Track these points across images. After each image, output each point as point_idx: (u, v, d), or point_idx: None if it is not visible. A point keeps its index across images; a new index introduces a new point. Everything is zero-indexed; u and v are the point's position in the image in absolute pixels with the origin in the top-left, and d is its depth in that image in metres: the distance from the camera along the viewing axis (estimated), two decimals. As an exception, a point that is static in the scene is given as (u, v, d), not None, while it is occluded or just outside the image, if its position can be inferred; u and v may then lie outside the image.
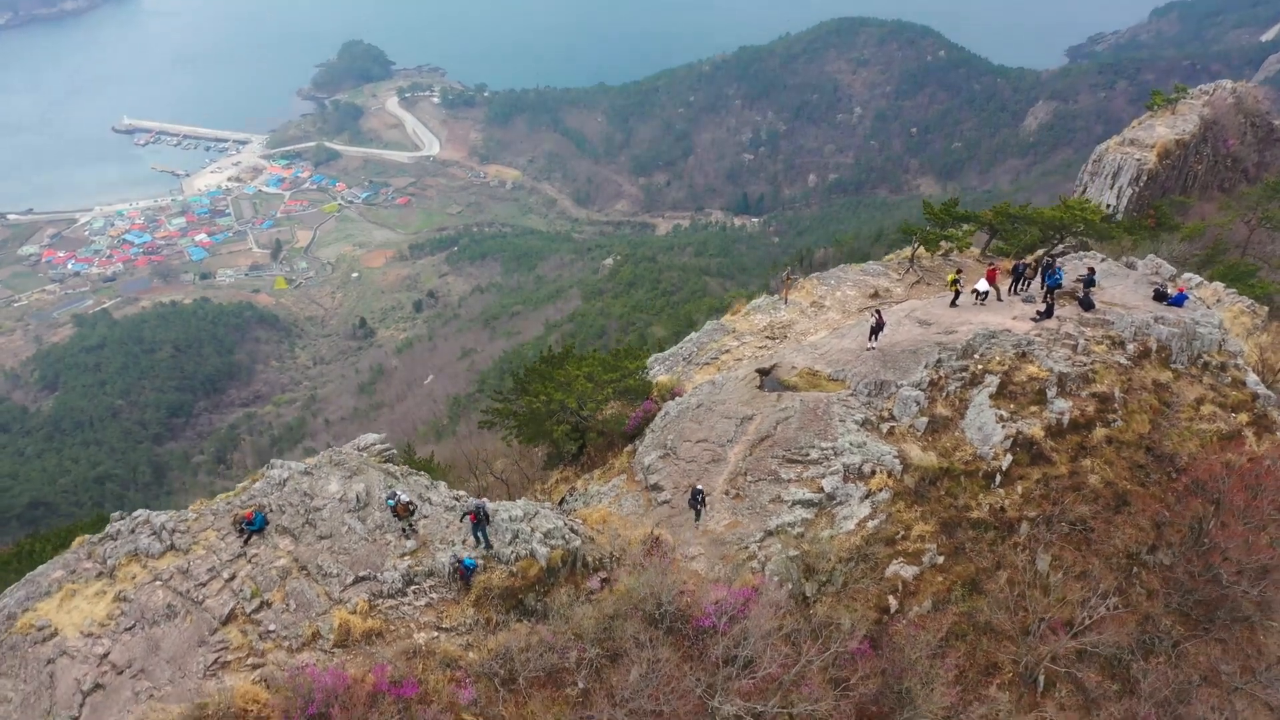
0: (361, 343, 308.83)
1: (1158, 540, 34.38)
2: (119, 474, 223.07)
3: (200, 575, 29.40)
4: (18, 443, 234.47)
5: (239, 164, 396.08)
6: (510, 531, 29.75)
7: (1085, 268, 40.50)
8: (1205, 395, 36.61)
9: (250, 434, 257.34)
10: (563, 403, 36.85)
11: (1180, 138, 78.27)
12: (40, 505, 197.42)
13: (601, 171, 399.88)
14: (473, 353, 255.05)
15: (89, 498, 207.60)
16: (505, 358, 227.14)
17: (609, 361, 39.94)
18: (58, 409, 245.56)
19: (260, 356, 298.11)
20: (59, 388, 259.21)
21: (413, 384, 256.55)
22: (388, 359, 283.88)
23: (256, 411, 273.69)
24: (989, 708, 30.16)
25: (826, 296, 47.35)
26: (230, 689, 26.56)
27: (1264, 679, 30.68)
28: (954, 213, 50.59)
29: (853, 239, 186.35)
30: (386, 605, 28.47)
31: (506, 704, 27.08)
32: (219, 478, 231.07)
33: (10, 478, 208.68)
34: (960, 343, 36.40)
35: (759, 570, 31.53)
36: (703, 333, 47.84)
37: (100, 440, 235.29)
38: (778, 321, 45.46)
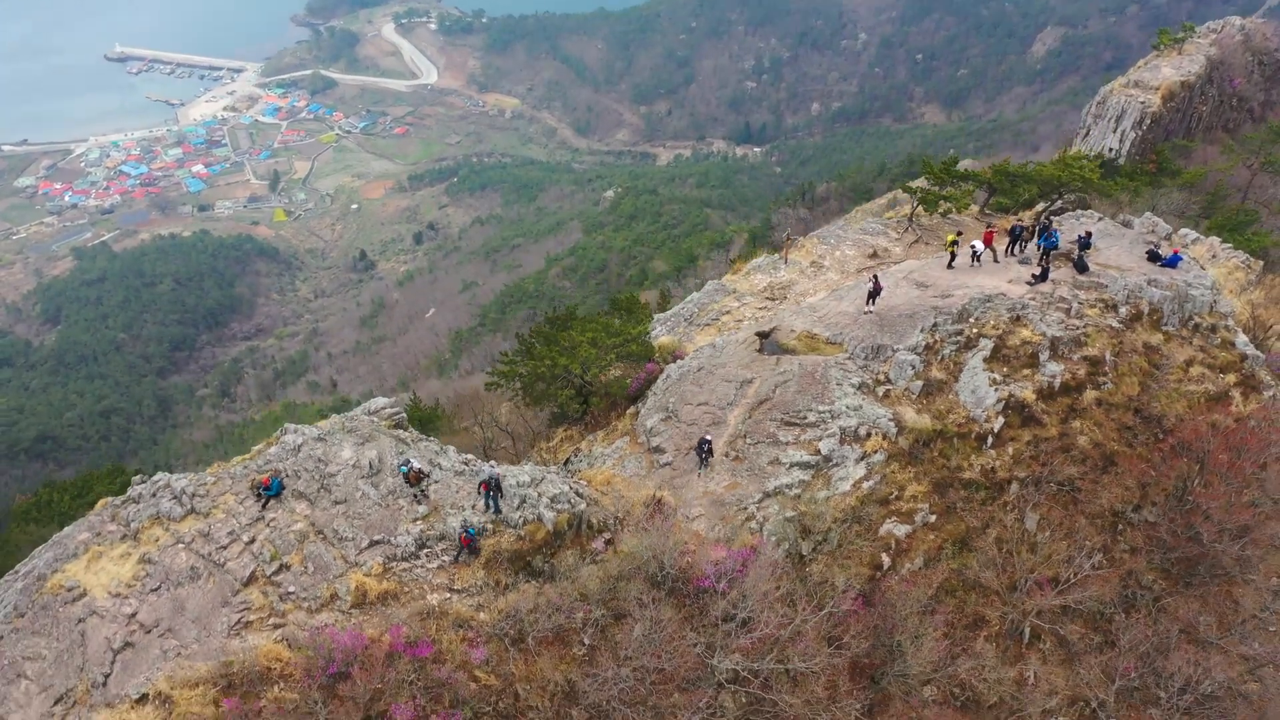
0: (362, 275, 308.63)
1: (1143, 499, 35.57)
2: (124, 408, 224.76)
3: (221, 538, 30.61)
4: (22, 376, 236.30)
5: (234, 93, 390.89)
6: (518, 497, 30.89)
7: (1082, 231, 40.97)
8: (1195, 357, 37.46)
9: (253, 367, 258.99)
10: (567, 367, 37.79)
11: (1185, 79, 77.66)
12: (48, 439, 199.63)
13: (602, 100, 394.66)
14: (474, 286, 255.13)
15: (95, 431, 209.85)
16: (506, 291, 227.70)
17: (612, 326, 40.74)
18: (61, 343, 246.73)
19: (261, 289, 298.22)
20: (61, 321, 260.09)
21: (414, 317, 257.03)
22: (389, 292, 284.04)
23: (259, 345, 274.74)
24: (975, 661, 31.64)
25: (826, 256, 47.85)
26: (254, 648, 28.00)
27: (1238, 633, 32.10)
28: (953, 172, 50.75)
29: (855, 173, 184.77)
30: (400, 568, 29.73)
31: (516, 663, 28.52)
32: (224, 411, 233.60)
33: (17, 411, 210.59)
34: (956, 307, 37.15)
35: (757, 531, 32.76)
36: (704, 293, 48.48)
37: (104, 374, 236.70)
38: (777, 282, 46.08)
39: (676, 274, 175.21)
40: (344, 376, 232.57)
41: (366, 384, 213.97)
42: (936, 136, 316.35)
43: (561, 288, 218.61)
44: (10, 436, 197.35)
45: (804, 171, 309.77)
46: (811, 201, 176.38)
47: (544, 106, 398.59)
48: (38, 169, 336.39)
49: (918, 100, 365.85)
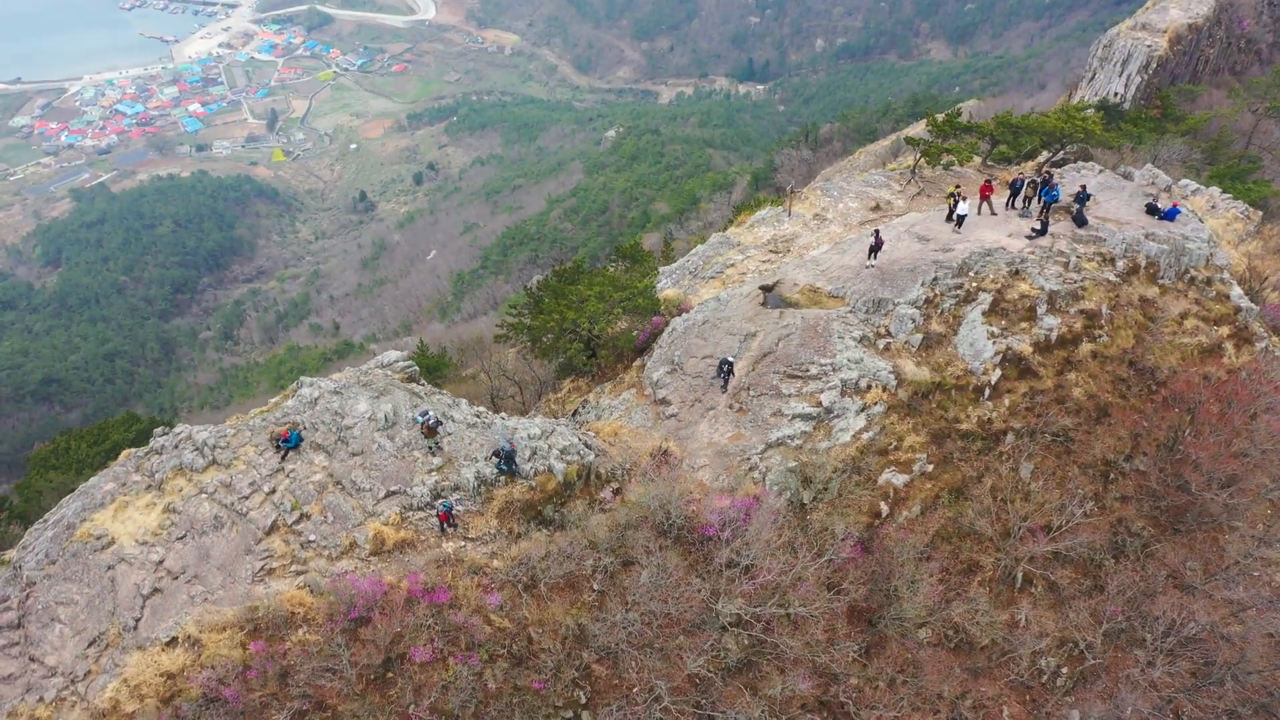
0: (362, 216, 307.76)
1: (1135, 449, 36.58)
2: (128, 350, 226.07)
3: (243, 489, 31.73)
4: (25, 319, 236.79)
5: (229, 29, 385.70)
6: (529, 449, 31.92)
7: (1079, 185, 41.33)
8: (1190, 309, 38.18)
9: (255, 310, 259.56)
10: (575, 321, 38.53)
11: (1193, 21, 77.02)
12: (53, 382, 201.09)
13: (603, 36, 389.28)
14: (475, 227, 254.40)
15: (100, 374, 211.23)
16: (508, 233, 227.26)
17: (619, 280, 41.35)
18: (62, 285, 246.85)
19: (261, 231, 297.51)
20: (62, 264, 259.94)
21: (415, 259, 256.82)
22: (389, 234, 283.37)
23: (261, 287, 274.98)
24: (968, 606, 32.92)
25: (829, 209, 48.19)
26: (278, 594, 29.27)
27: (1223, 578, 33.31)
28: (955, 124, 50.80)
29: (859, 113, 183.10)
30: (416, 517, 30.86)
31: (529, 607, 29.81)
32: (226, 354, 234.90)
33: (21, 354, 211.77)
34: (956, 261, 37.75)
35: (759, 481, 33.81)
36: (708, 246, 48.93)
37: (107, 317, 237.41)
38: (781, 235, 46.50)
39: (679, 216, 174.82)
40: (346, 319, 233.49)
41: (369, 327, 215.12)
42: (942, 74, 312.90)
43: (563, 229, 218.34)
44: (16, 379, 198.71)
45: (807, 110, 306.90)
46: (815, 143, 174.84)
47: (544, 43, 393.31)
48: (32, 108, 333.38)
49: (923, 36, 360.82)
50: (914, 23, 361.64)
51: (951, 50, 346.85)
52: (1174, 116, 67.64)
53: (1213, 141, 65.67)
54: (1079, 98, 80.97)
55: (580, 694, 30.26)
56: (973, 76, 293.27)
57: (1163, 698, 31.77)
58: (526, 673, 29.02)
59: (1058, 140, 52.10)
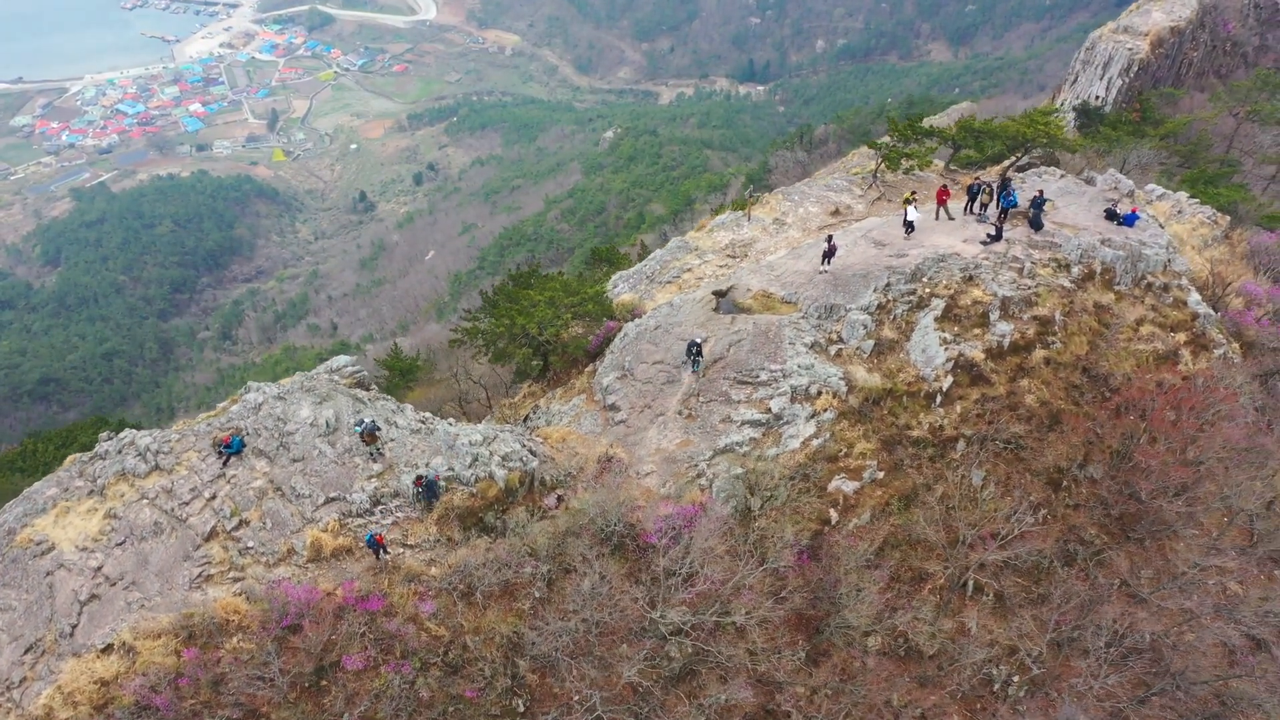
0: (362, 217, 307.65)
1: (1088, 456, 36.36)
2: (126, 350, 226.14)
3: (183, 494, 31.60)
4: (24, 319, 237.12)
5: (230, 29, 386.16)
6: (470, 455, 31.77)
7: (1036, 190, 41.00)
8: (1146, 316, 37.92)
9: (254, 310, 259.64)
10: (524, 326, 38.36)
11: (1176, 24, 76.58)
12: (51, 381, 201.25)
13: (604, 37, 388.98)
14: (474, 228, 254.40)
15: (98, 374, 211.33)
16: (505, 234, 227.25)
17: (570, 285, 41.21)
18: (61, 285, 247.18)
19: (261, 231, 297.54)
20: (61, 263, 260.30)
21: (414, 259, 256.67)
22: (388, 234, 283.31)
23: (260, 287, 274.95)
24: (912, 614, 32.73)
25: (789, 213, 47.93)
26: (214, 600, 29.13)
27: (1172, 587, 33.08)
28: (918, 129, 50.54)
29: (854, 114, 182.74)
30: (356, 524, 30.71)
31: (466, 615, 29.68)
32: (224, 354, 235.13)
33: (20, 354, 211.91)
34: (909, 266, 37.50)
35: (706, 488, 33.60)
36: (667, 250, 48.70)
37: (106, 316, 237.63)
38: (739, 239, 46.27)
39: (673, 217, 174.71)
40: (344, 319, 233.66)
41: (366, 327, 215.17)
42: (942, 75, 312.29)
43: (560, 230, 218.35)
44: (13, 379, 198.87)
45: (807, 111, 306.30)
46: (810, 144, 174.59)
47: (545, 43, 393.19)
48: (33, 108, 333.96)
49: (924, 37, 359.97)
50: (915, 24, 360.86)
51: (952, 51, 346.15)
52: (1153, 120, 67.28)
53: (1191, 145, 65.32)
54: (1061, 101, 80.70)
55: (519, 702, 30.17)
56: (973, 78, 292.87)
57: (1107, 710, 31.57)
58: (460, 681, 28.89)
59: (1021, 145, 51.84)
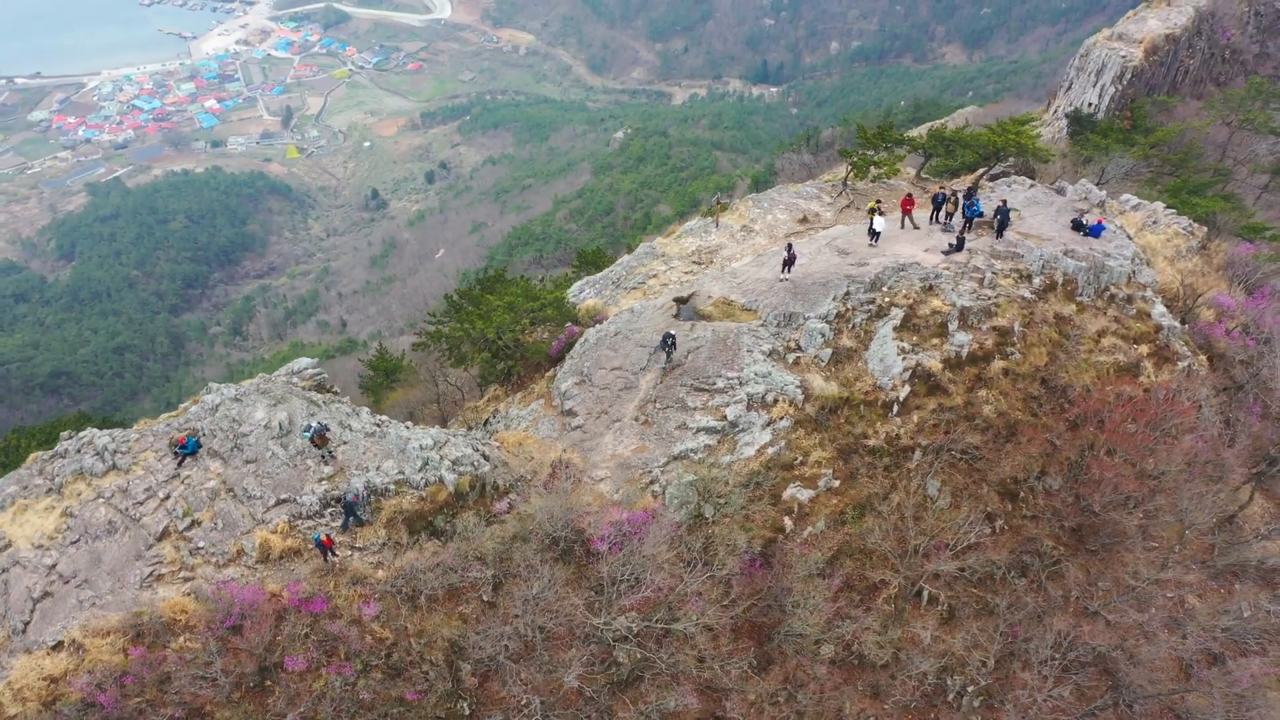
0: (374, 214, 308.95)
1: (1046, 468, 36.30)
2: (138, 345, 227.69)
3: (138, 494, 31.99)
4: (38, 312, 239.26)
5: (246, 26, 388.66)
6: (421, 459, 32.02)
7: (1000, 200, 40.91)
8: (1108, 327, 37.80)
9: (265, 306, 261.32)
10: (482, 331, 38.57)
11: (1171, 31, 76.10)
12: (62, 374, 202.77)
13: (617, 37, 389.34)
14: (483, 226, 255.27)
15: (109, 368, 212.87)
16: (514, 233, 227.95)
17: (532, 290, 41.44)
18: (75, 279, 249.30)
19: (273, 227, 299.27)
20: (75, 257, 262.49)
21: (424, 257, 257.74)
22: (400, 231, 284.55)
23: (271, 283, 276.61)
24: (858, 623, 32.80)
25: (758, 220, 47.93)
26: (162, 600, 29.48)
27: (1119, 601, 33.01)
28: (888, 137, 50.41)
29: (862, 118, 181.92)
30: (305, 526, 31.01)
31: (410, 619, 29.95)
32: (235, 349, 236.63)
33: (32, 347, 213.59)
34: (870, 275, 37.52)
35: (659, 494, 33.74)
36: (634, 256, 48.81)
37: (118, 311, 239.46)
38: (706, 246, 46.36)
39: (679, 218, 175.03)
40: (354, 316, 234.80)
41: (375, 324, 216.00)
42: (956, 78, 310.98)
43: (568, 230, 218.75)
44: (26, 372, 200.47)
45: (820, 113, 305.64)
46: (816, 146, 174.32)
47: (559, 43, 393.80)
48: (51, 102, 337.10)
49: (939, 40, 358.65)
50: (929, 26, 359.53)
51: (967, 54, 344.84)
52: (1144, 128, 66.91)
53: (1181, 154, 64.93)
54: (1056, 108, 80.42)
55: (464, 705, 30.42)
56: (986, 81, 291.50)
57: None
58: (402, 684, 29.16)
59: (993, 154, 51.62)
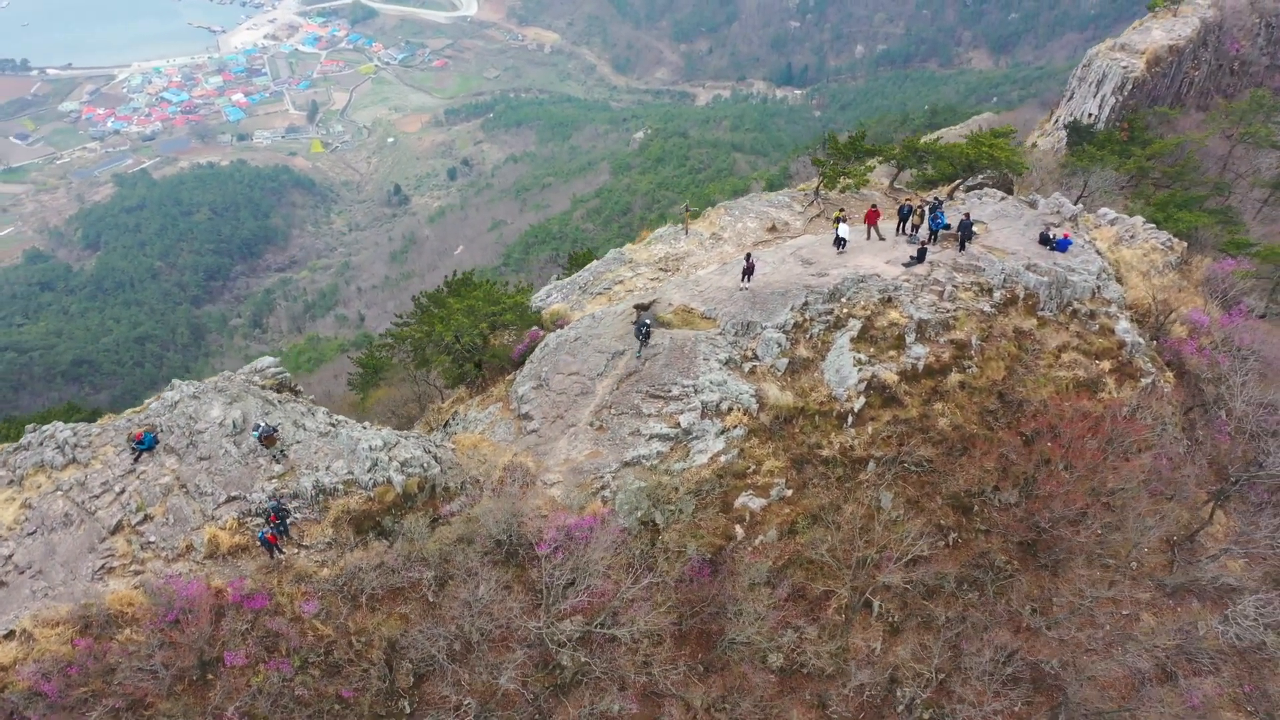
0: (396, 210, 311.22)
1: (1001, 481, 36.24)
2: (159, 335, 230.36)
3: (95, 488, 32.64)
4: (62, 301, 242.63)
5: (275, 21, 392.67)
6: (370, 459, 32.46)
7: (964, 212, 40.78)
8: (1069, 343, 37.62)
9: (285, 299, 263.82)
10: (440, 334, 38.96)
11: (1175, 43, 75.32)
12: (84, 363, 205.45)
13: (642, 37, 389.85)
14: (502, 224, 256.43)
15: (130, 357, 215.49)
16: (531, 231, 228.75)
17: (494, 294, 41.80)
18: (99, 269, 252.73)
19: (296, 221, 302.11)
20: (101, 247, 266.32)
21: (443, 254, 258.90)
22: (420, 228, 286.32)
23: (292, 276, 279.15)
24: (799, 632, 32.94)
25: (728, 228, 48.07)
26: (110, 592, 30.09)
27: (1064, 620, 32.94)
28: (860, 147, 50.32)
29: (877, 123, 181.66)
30: (254, 523, 31.49)
31: (352, 617, 30.40)
32: (254, 341, 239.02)
33: (56, 335, 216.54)
34: (829, 286, 37.52)
35: (610, 500, 33.99)
36: (603, 262, 49.11)
37: (140, 301, 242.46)
38: (674, 253, 46.52)
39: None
40: (372, 311, 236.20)
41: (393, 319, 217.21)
42: (981, 83, 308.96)
43: (585, 229, 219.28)
44: (48, 359, 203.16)
45: (844, 116, 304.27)
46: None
47: (583, 42, 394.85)
48: (81, 94, 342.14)
49: (965, 44, 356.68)
50: (956, 31, 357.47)
51: (993, 59, 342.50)
52: (1141, 140, 66.37)
53: (1178, 167, 64.37)
54: (1057, 118, 79.93)
55: (404, 704, 30.87)
56: (1011, 87, 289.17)
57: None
58: (339, 681, 29.62)
59: (967, 166, 51.42)
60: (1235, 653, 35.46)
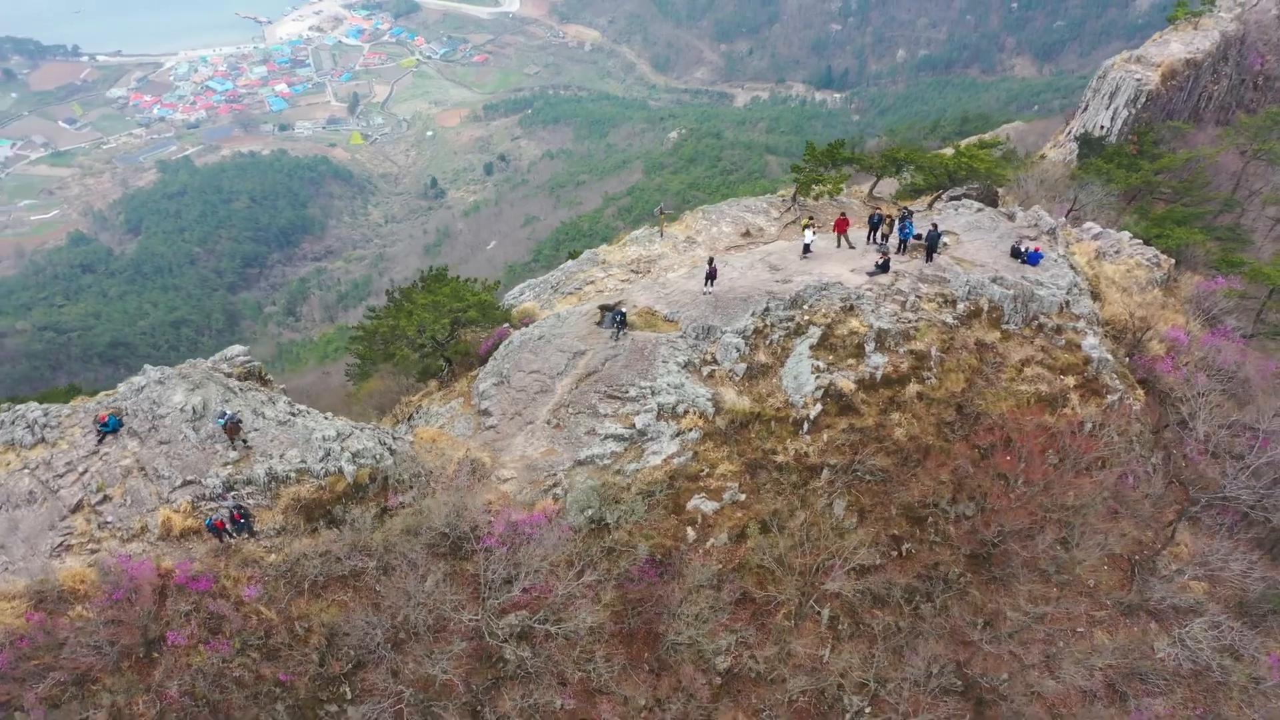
0: (432, 203, 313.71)
1: (957, 494, 36.15)
2: (194, 319, 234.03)
3: (59, 467, 33.62)
4: (102, 283, 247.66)
5: (320, 13, 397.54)
6: (323, 449, 33.12)
7: (930, 223, 40.61)
8: (1033, 357, 37.40)
9: (319, 288, 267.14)
10: (404, 329, 39.56)
11: (1192, 56, 74.11)
12: (120, 345, 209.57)
13: (682, 36, 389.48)
14: (535, 221, 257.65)
15: (165, 340, 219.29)
16: (562, 228, 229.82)
17: (460, 291, 42.28)
18: (140, 253, 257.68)
19: (333, 211, 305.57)
20: (142, 232, 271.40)
21: (476, 248, 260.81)
22: (455, 221, 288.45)
23: (327, 266, 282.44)
24: (737, 635, 33.14)
25: (703, 232, 48.20)
26: (63, 569, 31.01)
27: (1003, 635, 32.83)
28: (839, 155, 50.22)
29: (907, 129, 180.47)
30: (207, 507, 32.28)
31: (295, 603, 31.09)
32: (286, 329, 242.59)
33: (94, 317, 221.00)
34: (791, 293, 37.61)
35: (561, 497, 34.38)
36: (577, 262, 49.43)
37: (178, 285, 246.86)
38: (647, 255, 46.73)
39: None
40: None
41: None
42: (1023, 91, 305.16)
43: (615, 227, 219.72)
44: (86, 340, 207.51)
45: (882, 120, 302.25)
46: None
47: (624, 40, 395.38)
48: (129, 80, 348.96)
49: (1009, 51, 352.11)
50: (1000, 37, 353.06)
51: (1036, 67, 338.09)
52: (1150, 154, 65.46)
53: (1186, 182, 63.43)
54: (1070, 129, 79.01)
55: (346, 689, 31.50)
56: (1053, 95, 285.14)
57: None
58: (278, 665, 30.29)
59: (947, 176, 51.03)
60: (1190, 675, 35.14)
